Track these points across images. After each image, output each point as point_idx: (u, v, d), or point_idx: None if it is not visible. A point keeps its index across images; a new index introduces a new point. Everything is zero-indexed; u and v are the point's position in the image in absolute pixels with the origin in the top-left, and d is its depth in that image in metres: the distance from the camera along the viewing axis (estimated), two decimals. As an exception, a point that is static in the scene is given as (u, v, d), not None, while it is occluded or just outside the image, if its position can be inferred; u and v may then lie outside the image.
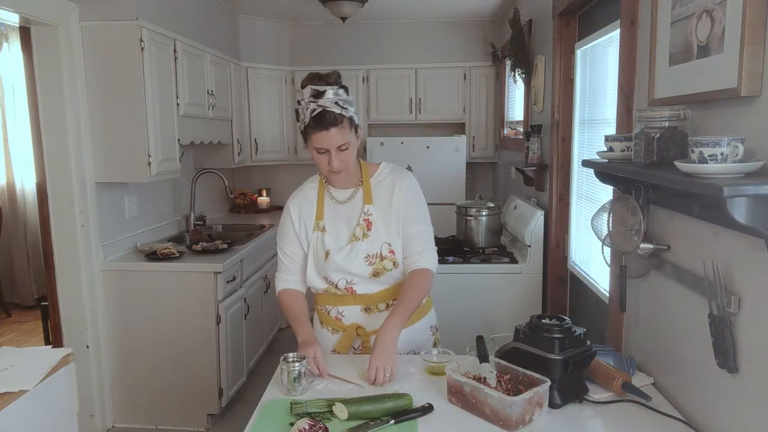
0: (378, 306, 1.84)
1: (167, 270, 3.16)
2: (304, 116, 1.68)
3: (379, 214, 1.81)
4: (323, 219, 1.83)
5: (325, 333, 1.90)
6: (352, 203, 1.83)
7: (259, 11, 4.73)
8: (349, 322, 1.85)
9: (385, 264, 1.79)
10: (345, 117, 1.68)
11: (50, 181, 2.98)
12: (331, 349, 1.89)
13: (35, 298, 5.27)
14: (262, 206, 5.19)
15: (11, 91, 5.18)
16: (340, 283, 1.83)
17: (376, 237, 1.79)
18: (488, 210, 3.44)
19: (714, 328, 1.30)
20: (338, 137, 1.67)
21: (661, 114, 1.45)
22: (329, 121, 1.65)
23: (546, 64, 3.28)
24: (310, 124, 1.67)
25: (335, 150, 1.69)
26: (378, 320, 1.79)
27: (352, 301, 1.84)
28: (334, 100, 1.67)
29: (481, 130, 5.13)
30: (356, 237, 1.79)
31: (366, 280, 1.81)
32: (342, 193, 1.85)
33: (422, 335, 1.93)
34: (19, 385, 1.65)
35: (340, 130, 1.67)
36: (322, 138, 1.67)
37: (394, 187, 1.83)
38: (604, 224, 1.86)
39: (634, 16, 1.86)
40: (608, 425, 1.45)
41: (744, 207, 1.12)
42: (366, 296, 1.83)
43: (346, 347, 1.86)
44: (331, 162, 1.70)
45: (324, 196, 1.85)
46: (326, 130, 1.66)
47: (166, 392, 3.23)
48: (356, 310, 1.84)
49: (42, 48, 2.88)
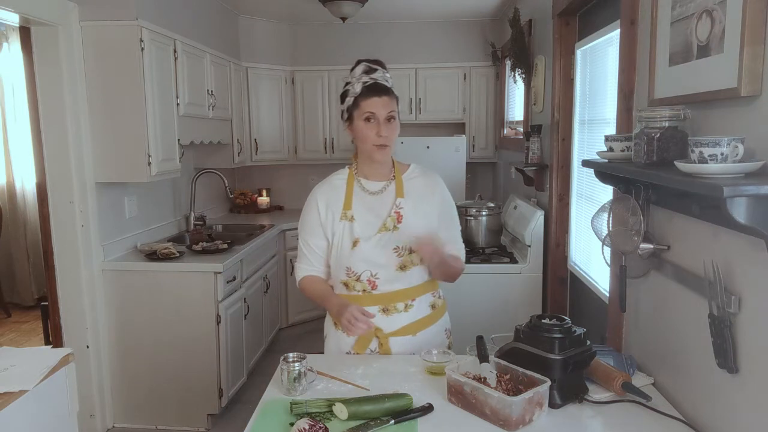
0: (396, 306, 1.84)
1: (167, 270, 3.16)
2: (354, 90, 1.79)
3: (411, 209, 1.84)
4: (351, 209, 1.84)
5: (341, 335, 1.88)
6: (383, 195, 1.86)
7: (259, 11, 4.73)
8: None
9: (413, 258, 1.82)
10: (394, 93, 1.83)
11: (50, 181, 2.98)
12: (346, 351, 1.88)
13: (35, 298, 5.27)
14: (262, 206, 5.19)
15: (11, 91, 5.18)
16: (363, 275, 1.82)
17: (405, 230, 1.82)
18: (488, 210, 3.44)
19: (714, 328, 1.30)
20: (389, 104, 1.78)
21: (661, 114, 1.45)
22: (382, 89, 1.79)
23: (546, 64, 3.28)
24: (362, 93, 1.78)
25: (384, 120, 1.77)
26: (397, 322, 1.83)
27: (370, 301, 1.82)
28: (385, 77, 1.83)
29: (481, 130, 5.13)
30: (386, 227, 1.82)
31: (391, 273, 1.82)
32: (374, 185, 1.88)
33: (437, 338, 1.93)
34: (19, 385, 1.65)
35: (390, 98, 1.80)
36: (375, 103, 1.77)
37: (433, 189, 1.91)
38: (604, 224, 1.86)
39: (634, 16, 1.85)
40: (608, 425, 1.45)
41: (744, 207, 1.12)
42: (385, 295, 1.83)
43: (363, 348, 1.86)
44: (380, 130, 1.77)
45: (353, 187, 1.87)
46: (378, 97, 1.77)
47: (166, 392, 3.23)
48: (374, 311, 1.81)
49: (42, 48, 2.89)
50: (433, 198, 1.89)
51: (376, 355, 1.87)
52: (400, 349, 1.85)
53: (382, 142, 1.78)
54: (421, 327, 1.88)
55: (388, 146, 1.80)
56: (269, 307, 4.20)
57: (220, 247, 3.43)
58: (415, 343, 1.85)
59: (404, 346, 1.85)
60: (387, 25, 5.13)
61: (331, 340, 1.94)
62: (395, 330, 1.83)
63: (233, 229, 4.34)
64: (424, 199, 1.88)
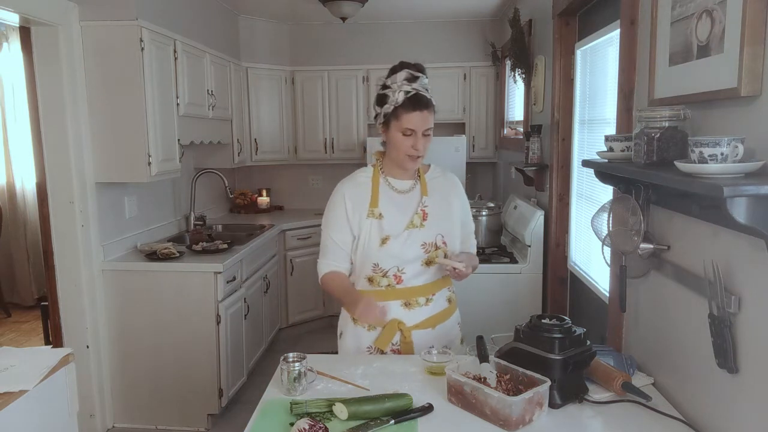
0: (418, 301, 1.88)
1: (167, 270, 3.16)
2: (395, 98, 1.78)
3: (434, 208, 1.90)
4: (378, 206, 1.87)
5: (361, 330, 1.91)
6: (411, 193, 1.92)
7: (259, 11, 4.73)
8: (389, 318, 1.87)
9: (438, 254, 1.88)
10: (433, 105, 1.82)
11: (50, 181, 2.98)
12: (366, 346, 1.91)
13: (35, 298, 5.27)
14: (262, 206, 5.19)
15: (11, 91, 5.18)
16: (390, 271, 1.86)
17: (430, 227, 1.88)
18: (488, 210, 3.44)
19: (714, 328, 1.30)
20: (428, 119, 1.80)
21: (661, 114, 1.45)
22: (424, 103, 1.78)
23: (546, 64, 3.28)
24: (404, 104, 1.77)
25: (421, 134, 1.79)
26: (418, 315, 1.88)
27: (392, 296, 1.87)
28: (426, 86, 1.82)
29: (481, 130, 5.13)
30: (413, 224, 1.87)
31: (417, 269, 1.87)
32: (402, 184, 1.92)
33: (453, 330, 2.01)
34: (19, 385, 1.65)
35: (431, 113, 1.81)
36: (415, 118, 1.77)
37: (454, 188, 1.99)
38: (604, 224, 1.86)
39: (634, 16, 1.86)
40: (608, 425, 1.45)
41: (744, 207, 1.12)
42: (408, 290, 1.87)
43: (386, 343, 1.88)
44: (416, 144, 1.79)
45: (380, 185, 1.90)
46: (420, 111, 1.77)
47: (166, 392, 3.23)
48: (396, 306, 1.86)
49: (42, 48, 2.89)
50: (453, 197, 1.96)
51: (376, 355, 1.88)
52: (420, 341, 1.88)
53: (417, 155, 1.82)
54: (440, 320, 1.94)
55: (421, 157, 1.85)
56: (269, 307, 4.20)
57: (220, 247, 3.43)
58: (434, 336, 1.91)
59: (424, 338, 1.89)
60: (387, 25, 5.13)
61: (348, 338, 1.95)
62: (417, 323, 1.88)
63: (233, 229, 4.34)
64: (446, 198, 1.94)
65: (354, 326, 1.93)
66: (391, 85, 1.80)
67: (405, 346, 1.88)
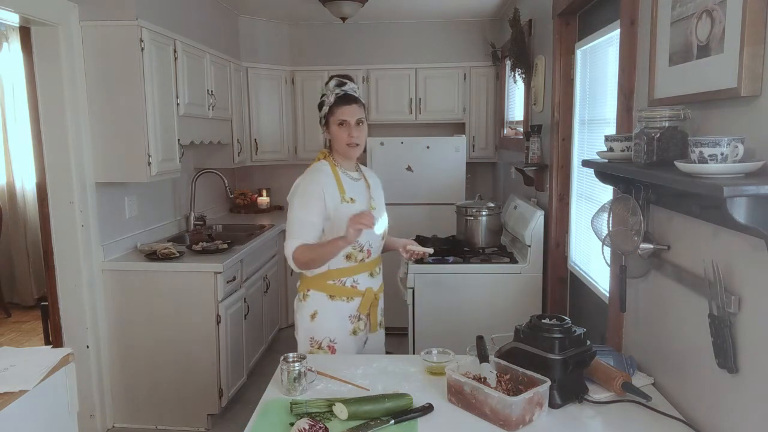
0: (375, 270, 2.25)
1: (167, 270, 3.16)
2: (329, 100, 2.16)
3: (375, 194, 2.30)
4: (346, 192, 2.16)
5: (340, 304, 2.16)
6: (361, 182, 2.27)
7: (259, 11, 4.73)
8: (363, 287, 2.19)
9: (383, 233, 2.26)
10: (361, 101, 2.20)
11: (50, 181, 2.98)
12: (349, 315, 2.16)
13: (35, 298, 5.27)
14: (262, 206, 5.19)
15: (11, 91, 5.17)
16: (365, 246, 2.15)
17: (378, 209, 2.26)
18: (488, 210, 3.44)
19: (714, 328, 1.30)
20: (358, 111, 2.16)
21: (661, 114, 1.45)
22: (352, 98, 2.16)
23: (546, 64, 3.28)
24: (335, 102, 2.14)
25: (354, 124, 2.14)
26: (378, 281, 2.28)
27: (361, 269, 2.18)
28: (353, 89, 2.20)
29: (481, 130, 5.13)
30: (372, 207, 2.22)
31: (378, 243, 2.23)
32: (354, 173, 2.26)
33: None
34: (19, 385, 1.65)
35: (359, 106, 2.18)
36: (346, 110, 2.14)
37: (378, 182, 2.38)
38: (604, 224, 1.86)
39: (634, 16, 1.86)
40: (608, 425, 1.45)
41: (744, 207, 1.12)
42: (372, 262, 2.21)
43: (366, 308, 2.19)
44: (352, 132, 2.14)
45: (339, 174, 2.19)
46: (349, 105, 2.14)
47: (166, 392, 3.23)
48: (365, 276, 2.20)
49: (42, 48, 2.88)
50: (380, 188, 2.37)
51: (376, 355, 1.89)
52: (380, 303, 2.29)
53: (354, 141, 2.16)
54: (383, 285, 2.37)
55: (360, 145, 2.18)
56: (269, 307, 4.20)
57: (220, 247, 3.43)
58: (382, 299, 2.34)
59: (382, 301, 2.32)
60: (387, 25, 5.13)
61: (328, 314, 2.15)
62: (378, 287, 2.27)
63: (233, 229, 4.34)
64: (377, 188, 2.34)
65: (332, 302, 2.15)
66: (326, 92, 2.18)
67: (373, 309, 2.23)
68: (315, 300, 2.16)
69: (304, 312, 2.17)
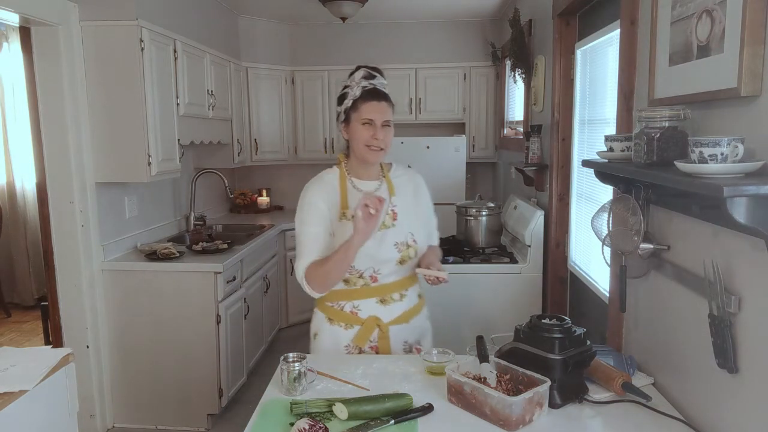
0: (392, 296, 1.90)
1: (167, 270, 3.16)
2: (354, 93, 1.84)
3: (403, 206, 1.93)
4: (349, 208, 1.85)
5: (338, 330, 1.90)
6: (378, 194, 1.88)
7: (259, 11, 4.73)
8: (366, 315, 1.88)
9: (410, 252, 1.90)
10: (391, 100, 1.87)
11: (50, 181, 2.98)
12: (344, 344, 1.89)
13: (35, 298, 5.27)
14: (262, 206, 5.19)
15: (11, 91, 5.18)
16: (366, 272, 1.86)
17: (401, 226, 1.90)
18: (488, 210, 3.44)
19: (714, 328, 1.30)
20: (387, 111, 1.84)
21: (661, 114, 1.45)
22: (382, 95, 1.84)
23: (546, 64, 3.28)
24: (362, 96, 1.82)
25: (380, 126, 1.82)
26: (394, 311, 1.89)
27: (367, 294, 1.88)
28: (383, 84, 1.88)
29: (481, 130, 5.13)
30: (385, 225, 1.87)
31: (392, 268, 1.88)
32: (367, 185, 1.92)
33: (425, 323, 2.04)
34: (19, 385, 1.65)
35: (389, 105, 1.85)
36: (373, 108, 1.82)
37: (417, 186, 2.02)
38: (604, 224, 1.86)
39: (634, 16, 1.86)
40: (608, 425, 1.45)
41: (744, 207, 1.12)
42: (382, 287, 1.88)
43: (364, 340, 1.88)
44: (376, 134, 1.81)
45: (347, 187, 1.90)
46: (378, 102, 1.82)
47: (166, 392, 3.22)
48: (372, 303, 1.88)
49: (42, 48, 2.88)
50: (418, 195, 2.00)
51: (376, 355, 1.88)
52: (396, 336, 1.90)
53: (378, 145, 1.83)
54: (413, 314, 1.96)
55: (384, 150, 1.85)
56: (269, 307, 4.20)
57: (220, 247, 3.43)
58: (408, 330, 1.94)
59: (400, 333, 1.91)
60: (387, 25, 5.13)
61: (325, 337, 1.93)
62: (393, 318, 1.90)
63: (233, 229, 4.34)
64: (412, 196, 1.98)
65: (330, 326, 1.91)
66: (350, 84, 1.86)
67: (382, 342, 1.89)
68: (317, 320, 1.98)
69: (310, 330, 2.02)
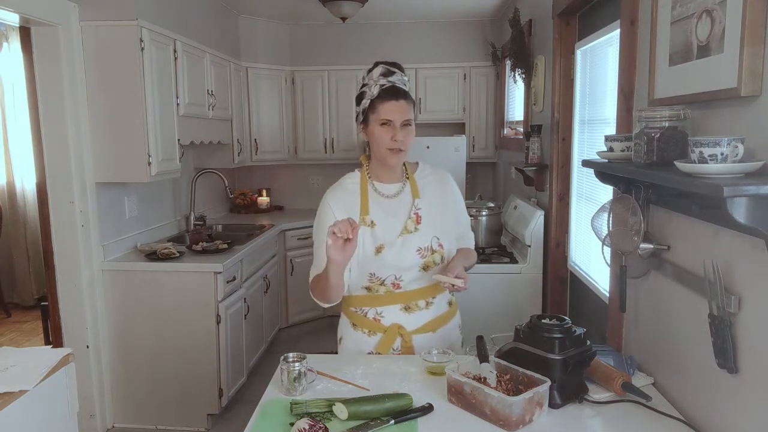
0: (418, 304, 1.84)
1: (167, 270, 3.16)
2: (372, 92, 1.76)
3: (428, 209, 1.84)
4: (369, 214, 1.80)
5: (361, 336, 1.86)
6: (400, 197, 1.84)
7: (259, 11, 4.73)
8: (389, 322, 1.83)
9: (434, 257, 1.82)
10: (411, 97, 1.79)
11: (50, 181, 2.98)
12: (368, 352, 1.85)
13: (35, 298, 5.27)
14: (262, 206, 5.19)
15: (11, 91, 5.18)
16: (387, 279, 1.80)
17: (425, 230, 1.82)
18: (488, 210, 3.44)
19: (714, 328, 1.30)
20: (407, 110, 1.75)
21: (661, 114, 1.45)
22: (401, 93, 1.76)
23: (546, 64, 3.28)
24: (380, 96, 1.74)
25: (400, 126, 1.74)
26: (419, 319, 1.83)
27: (391, 300, 1.82)
28: (404, 81, 1.80)
29: (481, 130, 5.13)
30: (408, 230, 1.80)
31: (414, 274, 1.81)
32: (389, 188, 1.85)
33: (453, 333, 1.96)
34: (19, 385, 1.65)
35: (408, 104, 1.76)
36: (392, 108, 1.73)
37: (445, 186, 1.93)
38: (604, 224, 1.86)
39: (634, 16, 1.85)
40: (608, 425, 1.45)
41: (744, 207, 1.12)
42: (407, 294, 1.82)
43: (387, 348, 1.84)
44: (396, 135, 1.73)
45: (368, 191, 1.83)
46: (396, 101, 1.74)
47: (166, 392, 3.22)
48: (395, 310, 1.82)
49: (42, 48, 2.88)
50: (446, 196, 1.91)
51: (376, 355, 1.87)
52: (421, 345, 1.83)
53: (398, 146, 1.75)
54: (441, 323, 1.89)
55: (404, 151, 1.77)
56: (269, 307, 4.20)
57: (220, 247, 3.43)
58: (434, 339, 1.86)
59: (425, 342, 1.84)
60: (387, 25, 5.13)
61: (349, 342, 1.90)
62: (418, 327, 1.84)
63: (233, 229, 4.34)
64: (439, 197, 1.89)
65: (354, 331, 1.87)
66: (368, 82, 1.79)
67: (405, 350, 1.84)
68: (343, 324, 1.93)
69: (337, 334, 1.96)
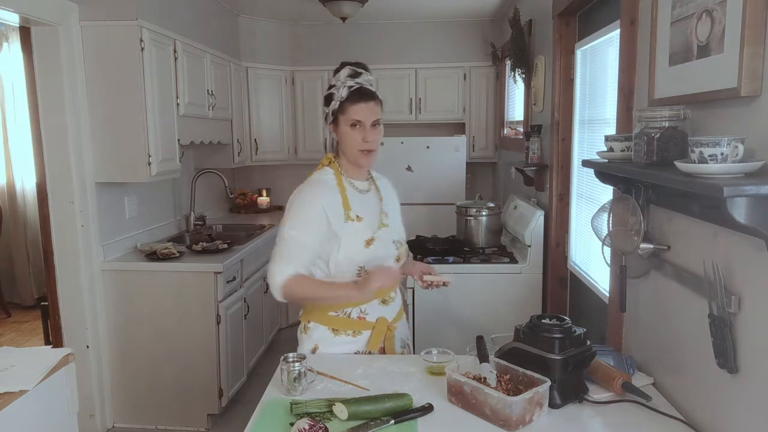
0: (390, 295, 1.91)
1: (167, 270, 3.16)
2: (340, 94, 1.80)
3: (389, 207, 1.95)
4: (352, 209, 1.82)
5: (345, 339, 1.84)
6: (371, 193, 1.93)
7: (259, 11, 4.73)
8: (373, 318, 1.87)
9: (401, 250, 1.94)
10: (379, 97, 1.85)
11: (50, 181, 2.98)
12: (355, 351, 1.85)
13: (35, 298, 5.27)
14: (262, 206, 5.19)
15: (11, 91, 5.17)
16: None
17: (392, 225, 1.92)
18: (488, 210, 3.44)
19: (714, 328, 1.30)
20: (375, 111, 1.81)
21: (661, 114, 1.45)
22: (369, 94, 1.81)
23: (546, 64, 3.28)
24: (348, 98, 1.79)
25: (370, 126, 1.80)
26: (393, 309, 1.93)
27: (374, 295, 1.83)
28: (370, 81, 1.85)
29: (481, 130, 5.13)
30: (383, 224, 1.88)
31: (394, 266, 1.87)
32: (362, 183, 1.92)
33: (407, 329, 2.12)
34: (19, 385, 1.65)
35: (377, 104, 1.82)
36: (361, 109, 1.79)
37: (391, 188, 2.05)
38: (604, 224, 1.86)
39: (634, 16, 1.86)
40: (608, 425, 1.45)
41: (744, 207, 1.12)
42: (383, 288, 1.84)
43: (377, 343, 1.87)
44: (366, 136, 1.79)
45: (345, 187, 1.86)
46: (365, 102, 1.79)
47: (166, 392, 3.22)
48: (375, 305, 1.87)
49: (42, 48, 2.88)
50: (394, 196, 2.04)
51: (376, 355, 1.88)
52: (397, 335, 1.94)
53: (368, 147, 1.81)
54: (404, 310, 2.05)
55: (374, 151, 1.83)
56: (269, 307, 4.20)
57: (220, 247, 3.43)
58: (402, 325, 2.00)
59: (401, 330, 1.97)
60: (387, 25, 5.13)
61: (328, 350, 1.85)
62: (395, 316, 1.94)
63: (233, 229, 4.34)
64: (391, 197, 2.02)
65: (334, 337, 1.84)
66: (335, 83, 1.82)
67: (389, 342, 1.91)
68: (316, 334, 1.86)
69: (305, 345, 1.89)
